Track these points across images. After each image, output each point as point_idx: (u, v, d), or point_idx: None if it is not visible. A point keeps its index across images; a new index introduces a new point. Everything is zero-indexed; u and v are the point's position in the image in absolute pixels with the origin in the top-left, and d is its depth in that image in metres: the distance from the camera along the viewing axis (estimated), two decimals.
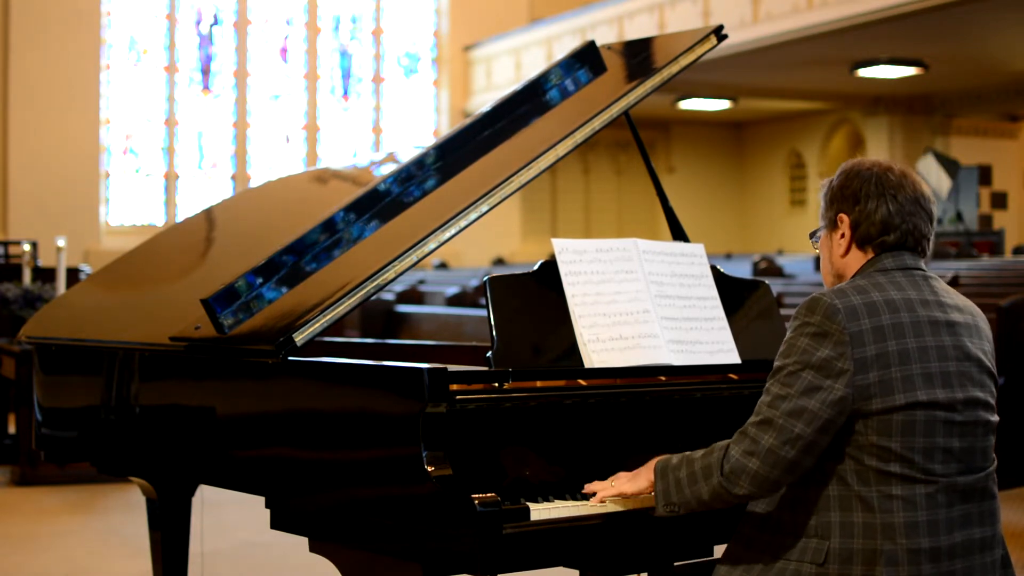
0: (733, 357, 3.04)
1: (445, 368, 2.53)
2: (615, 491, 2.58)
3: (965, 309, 2.47)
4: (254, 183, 19.74)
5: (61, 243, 8.04)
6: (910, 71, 16.57)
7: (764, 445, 2.32)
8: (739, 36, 14.86)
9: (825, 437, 2.32)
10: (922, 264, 2.48)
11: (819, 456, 2.34)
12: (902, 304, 2.37)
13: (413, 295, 13.08)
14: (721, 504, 2.42)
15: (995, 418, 2.44)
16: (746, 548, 2.47)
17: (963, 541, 2.34)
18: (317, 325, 2.85)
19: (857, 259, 2.49)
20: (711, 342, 3.02)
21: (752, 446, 2.34)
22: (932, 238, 2.51)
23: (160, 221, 19.67)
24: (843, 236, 2.49)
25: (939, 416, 2.32)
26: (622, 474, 2.62)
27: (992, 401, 2.43)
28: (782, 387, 2.34)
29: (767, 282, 3.31)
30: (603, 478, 2.66)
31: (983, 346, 2.44)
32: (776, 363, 2.39)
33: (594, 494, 2.60)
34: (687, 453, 2.49)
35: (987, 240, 16.17)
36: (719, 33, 3.46)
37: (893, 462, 2.30)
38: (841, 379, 2.30)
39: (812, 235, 2.62)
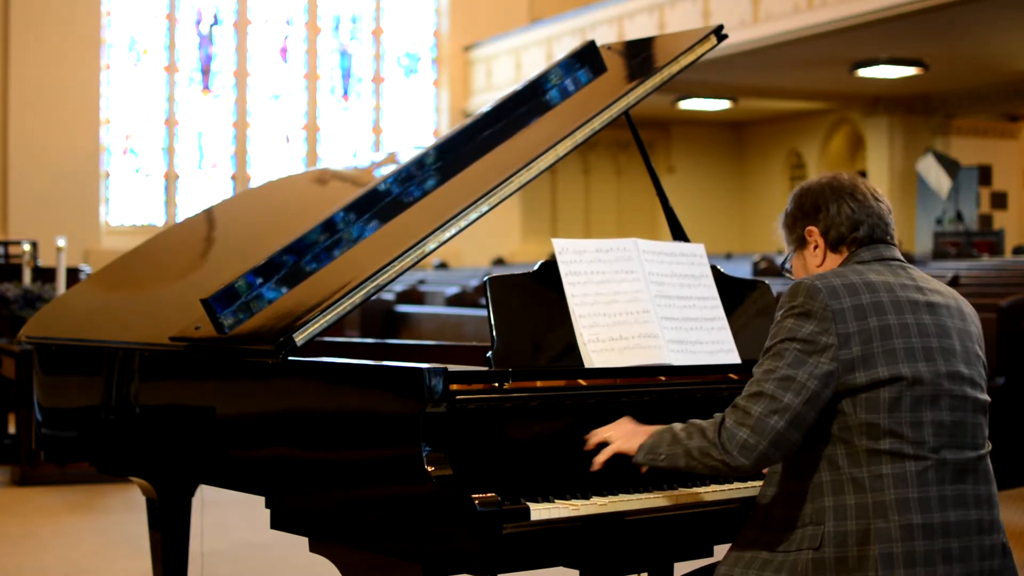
0: (733, 357, 3.05)
1: (445, 368, 2.54)
2: (612, 450, 2.60)
3: (946, 294, 2.53)
4: (254, 183, 19.75)
5: (61, 243, 8.04)
6: (910, 71, 16.56)
7: (754, 414, 2.38)
8: (739, 36, 14.85)
9: (812, 411, 2.36)
10: (898, 253, 2.55)
11: (807, 436, 2.38)
12: (881, 286, 2.44)
13: (413, 295, 13.08)
14: (709, 471, 2.44)
15: (984, 397, 2.48)
16: (747, 547, 2.50)
17: (957, 521, 2.36)
18: (317, 325, 2.86)
19: (834, 262, 2.56)
20: (711, 342, 3.03)
21: (743, 416, 2.39)
22: (894, 232, 2.58)
23: (160, 221, 19.67)
24: (816, 247, 2.57)
25: (924, 391, 2.37)
26: (624, 424, 2.64)
27: (979, 380, 2.48)
28: (771, 361, 2.41)
29: (767, 282, 3.32)
30: (603, 476, 2.66)
31: (967, 328, 2.49)
32: (766, 344, 2.45)
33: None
34: (693, 421, 2.53)
35: (987, 240, 16.17)
36: (719, 33, 3.46)
37: (883, 438, 2.35)
38: (827, 353, 2.36)
39: (783, 265, 2.69)
